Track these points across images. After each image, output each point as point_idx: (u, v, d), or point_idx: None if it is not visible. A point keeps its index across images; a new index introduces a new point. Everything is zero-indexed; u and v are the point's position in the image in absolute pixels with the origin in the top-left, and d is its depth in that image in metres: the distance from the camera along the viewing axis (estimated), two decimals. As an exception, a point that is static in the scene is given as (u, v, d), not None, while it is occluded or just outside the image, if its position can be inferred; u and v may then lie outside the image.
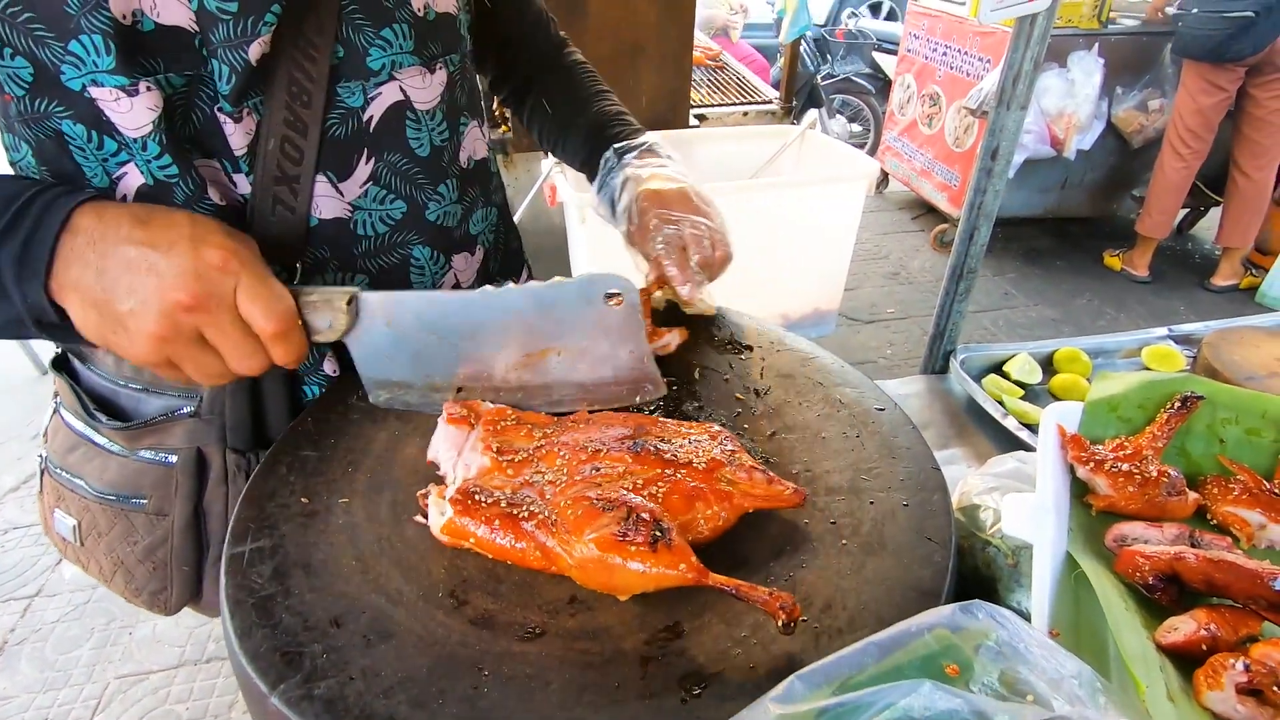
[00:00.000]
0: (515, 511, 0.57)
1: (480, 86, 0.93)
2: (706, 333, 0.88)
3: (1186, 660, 0.52)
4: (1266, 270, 3.86)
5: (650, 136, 0.96)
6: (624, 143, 0.95)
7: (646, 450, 0.62)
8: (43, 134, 0.61)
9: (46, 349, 3.26)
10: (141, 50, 0.59)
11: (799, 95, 4.93)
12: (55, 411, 0.86)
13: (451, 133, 0.81)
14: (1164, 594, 0.55)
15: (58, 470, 0.84)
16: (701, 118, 3.17)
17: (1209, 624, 0.51)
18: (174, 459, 0.78)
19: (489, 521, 0.56)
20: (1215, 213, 4.50)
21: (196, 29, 0.60)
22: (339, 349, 0.76)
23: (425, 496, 0.61)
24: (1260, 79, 3.45)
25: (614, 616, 0.53)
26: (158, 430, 0.77)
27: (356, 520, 0.61)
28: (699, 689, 0.48)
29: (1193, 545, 0.59)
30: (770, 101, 3.38)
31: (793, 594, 0.50)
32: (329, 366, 0.81)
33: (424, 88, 0.76)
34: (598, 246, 2.38)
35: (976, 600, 0.46)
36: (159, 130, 0.61)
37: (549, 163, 2.54)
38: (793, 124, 3.20)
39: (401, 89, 0.74)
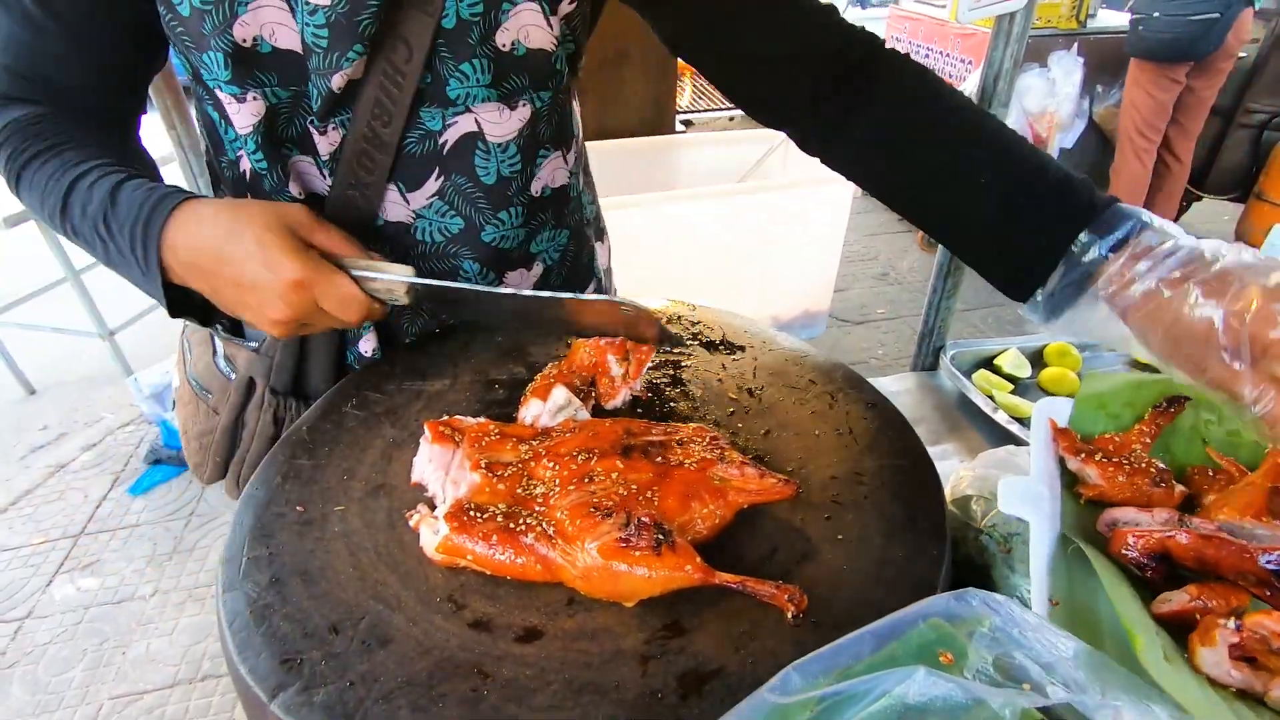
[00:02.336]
0: (512, 525, 0.56)
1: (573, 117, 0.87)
2: (698, 334, 0.88)
3: (1180, 630, 0.53)
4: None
5: (1129, 208, 0.62)
6: (1101, 227, 0.61)
7: (636, 454, 0.62)
8: (202, 111, 0.79)
9: (34, 370, 3.24)
10: (257, 67, 0.70)
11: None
12: None
13: (526, 164, 0.83)
14: (1155, 572, 0.56)
15: (186, 340, 0.99)
16: (688, 123, 3.20)
17: (1201, 596, 0.52)
18: (234, 376, 0.91)
19: (486, 538, 0.56)
20: (1197, 207, 4.57)
21: (303, 54, 0.70)
22: (380, 328, 0.89)
23: (414, 517, 0.60)
24: (1204, 70, 3.58)
25: (613, 617, 0.54)
26: (236, 349, 0.91)
27: (353, 528, 0.61)
28: (699, 686, 0.48)
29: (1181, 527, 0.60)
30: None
31: (795, 587, 0.50)
32: (366, 345, 0.88)
33: (499, 122, 0.79)
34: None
35: (970, 588, 0.46)
36: (257, 132, 0.74)
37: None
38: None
39: (476, 121, 0.78)
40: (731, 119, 3.30)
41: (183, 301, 0.73)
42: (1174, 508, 0.65)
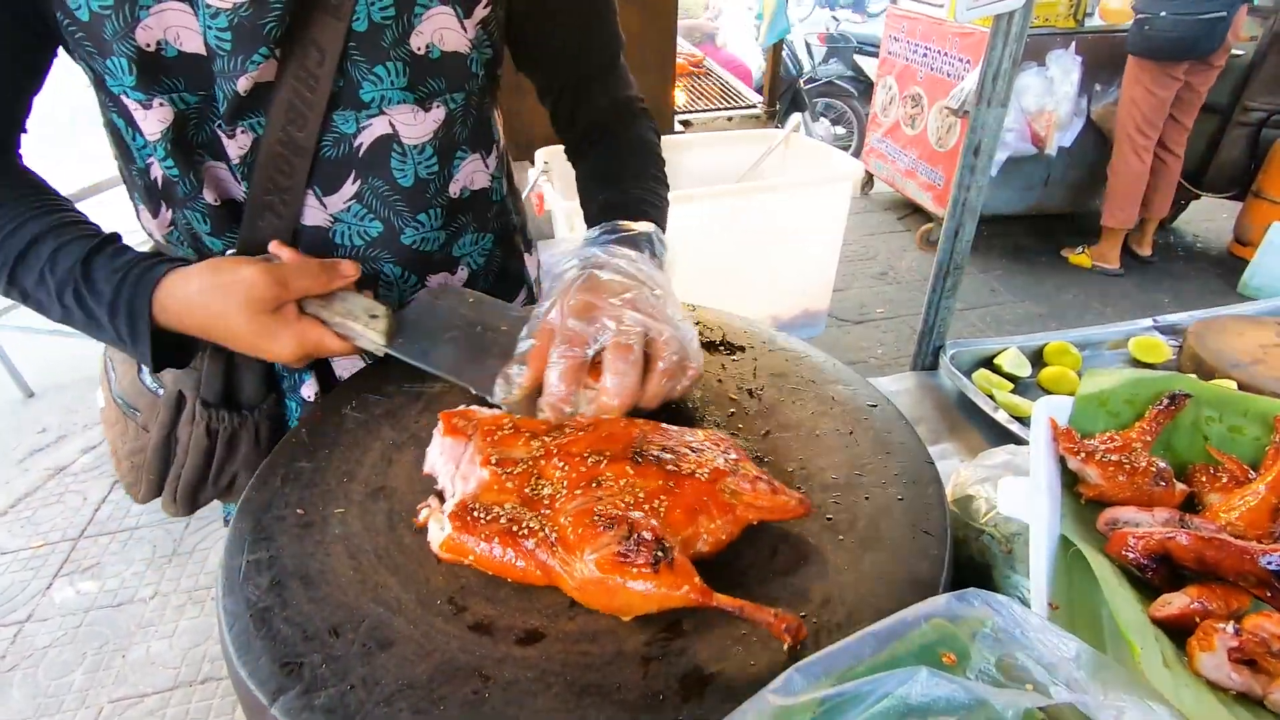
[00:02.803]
0: (515, 529, 0.56)
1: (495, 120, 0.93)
2: (700, 335, 0.88)
3: (1179, 634, 0.53)
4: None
5: (646, 228, 0.80)
6: (611, 224, 0.80)
7: (648, 460, 0.60)
8: (107, 120, 0.77)
9: (33, 373, 3.23)
10: (163, 72, 0.69)
11: (782, 99, 4.97)
12: None
13: (443, 165, 0.84)
14: (1155, 574, 0.56)
15: (109, 359, 0.97)
16: (686, 124, 3.19)
17: (1201, 598, 0.52)
18: (161, 392, 0.89)
19: (489, 539, 0.55)
20: (1195, 205, 4.57)
21: (207, 57, 0.69)
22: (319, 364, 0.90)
23: (423, 511, 0.60)
24: (1202, 66, 3.60)
25: (614, 619, 0.53)
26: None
27: (353, 530, 0.61)
28: (700, 688, 0.48)
29: (1182, 527, 0.60)
30: (754, 106, 3.40)
31: (795, 616, 0.49)
32: None
33: (414, 124, 0.79)
34: (587, 254, 2.37)
35: (972, 588, 0.46)
36: (166, 139, 0.72)
37: (535, 171, 2.55)
38: (777, 128, 3.22)
39: (390, 123, 0.78)
40: (730, 119, 3.30)
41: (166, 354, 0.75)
42: (1175, 506, 0.65)
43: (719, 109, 3.39)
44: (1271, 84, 4.03)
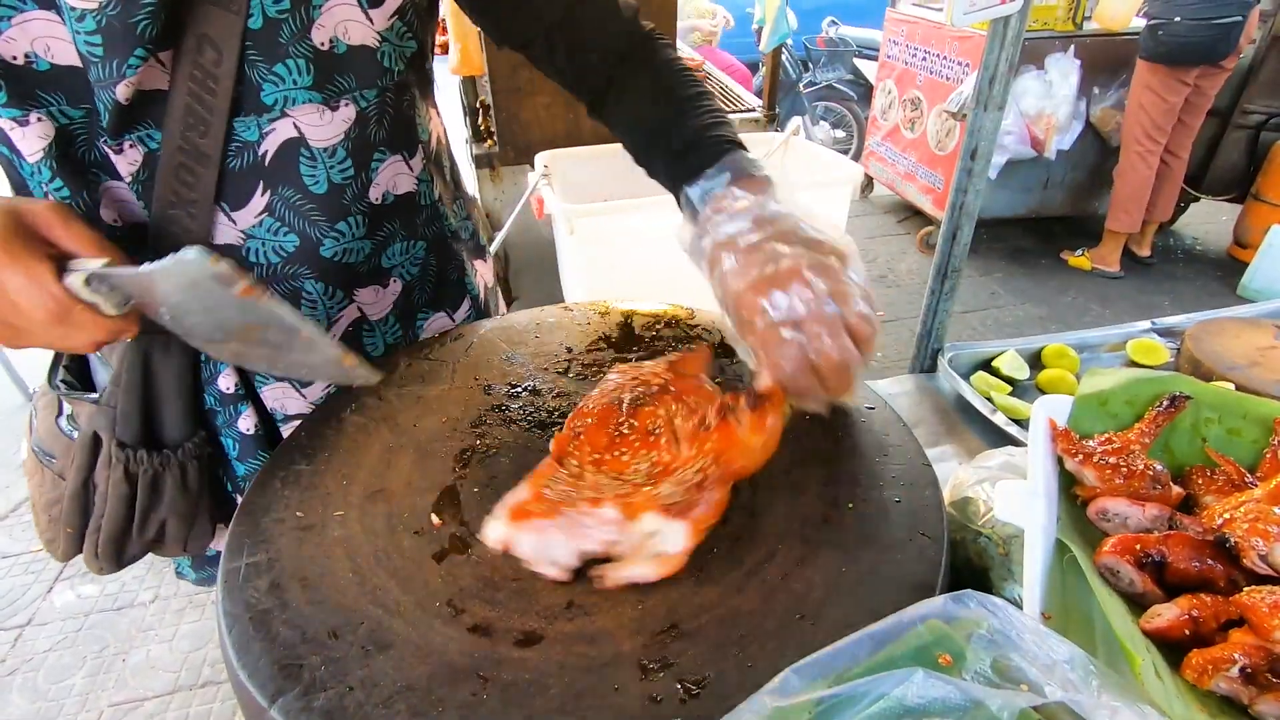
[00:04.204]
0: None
1: (417, 116, 0.84)
2: (697, 337, 0.89)
3: (1169, 646, 0.53)
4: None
5: (736, 162, 0.72)
6: (699, 181, 0.72)
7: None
8: None
9: (32, 376, 3.23)
10: (37, 86, 0.64)
11: (782, 103, 4.98)
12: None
13: (359, 169, 0.78)
14: (1146, 584, 0.56)
15: (34, 405, 0.92)
16: (686, 127, 3.19)
17: (1192, 609, 0.52)
18: (75, 435, 0.84)
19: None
20: (1195, 208, 4.58)
21: (83, 67, 0.64)
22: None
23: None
24: (1213, 71, 3.59)
25: (612, 620, 0.54)
26: (77, 406, 0.84)
27: (352, 533, 0.61)
28: (698, 689, 0.48)
29: (1172, 527, 0.61)
30: (753, 110, 3.41)
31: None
32: (225, 382, 0.83)
33: (322, 124, 0.73)
34: (588, 258, 2.39)
35: (968, 590, 0.47)
36: (50, 156, 0.66)
37: (535, 175, 2.55)
38: (776, 131, 3.23)
39: (295, 125, 0.72)
40: (729, 123, 3.31)
41: None
42: (1172, 509, 0.65)
43: (719, 113, 3.39)
44: (1270, 87, 4.04)
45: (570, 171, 2.60)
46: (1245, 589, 0.53)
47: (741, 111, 3.40)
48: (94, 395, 0.81)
